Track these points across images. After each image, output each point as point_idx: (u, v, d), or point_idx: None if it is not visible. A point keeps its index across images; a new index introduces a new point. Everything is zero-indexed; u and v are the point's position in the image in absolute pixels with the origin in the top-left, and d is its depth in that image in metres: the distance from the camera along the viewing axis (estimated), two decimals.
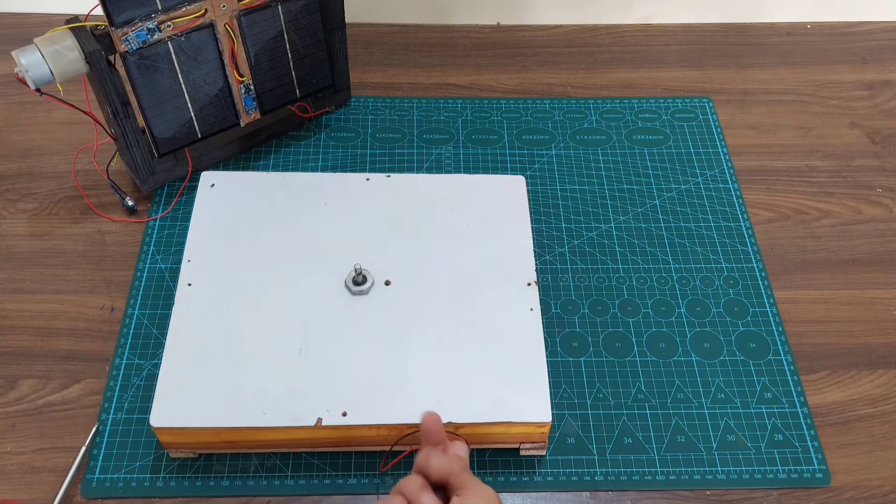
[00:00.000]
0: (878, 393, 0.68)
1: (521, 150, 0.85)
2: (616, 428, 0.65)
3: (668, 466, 0.63)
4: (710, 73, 0.95)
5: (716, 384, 0.68)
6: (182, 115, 0.74)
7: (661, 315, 0.72)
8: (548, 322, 0.71)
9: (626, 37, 0.99)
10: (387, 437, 0.61)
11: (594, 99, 0.91)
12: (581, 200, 0.80)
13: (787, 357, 0.70)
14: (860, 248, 0.79)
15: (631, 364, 0.69)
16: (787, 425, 0.66)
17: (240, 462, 0.62)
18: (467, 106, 0.89)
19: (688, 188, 0.82)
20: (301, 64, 0.79)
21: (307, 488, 0.61)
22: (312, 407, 0.59)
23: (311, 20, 0.76)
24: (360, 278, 0.66)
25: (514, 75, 0.94)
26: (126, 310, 0.70)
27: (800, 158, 0.86)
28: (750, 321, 0.72)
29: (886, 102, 0.92)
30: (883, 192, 0.83)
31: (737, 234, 0.78)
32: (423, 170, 0.82)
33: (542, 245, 0.76)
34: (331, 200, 0.72)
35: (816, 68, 0.96)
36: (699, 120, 0.89)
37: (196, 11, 0.69)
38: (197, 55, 0.71)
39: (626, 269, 0.75)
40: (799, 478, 0.63)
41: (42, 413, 0.65)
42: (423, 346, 0.63)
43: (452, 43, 0.97)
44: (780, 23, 1.01)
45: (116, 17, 0.65)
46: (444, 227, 0.71)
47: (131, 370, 0.67)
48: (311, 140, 0.84)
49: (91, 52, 0.65)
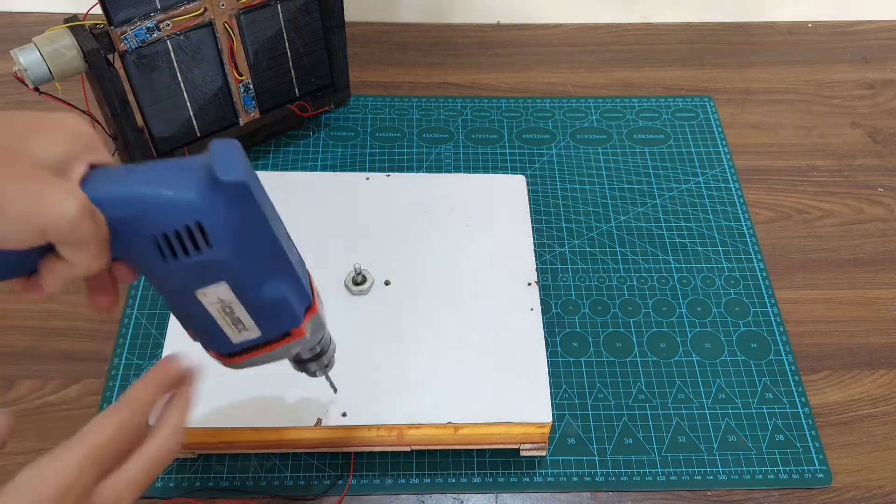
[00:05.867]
0: (879, 393, 0.68)
1: (522, 149, 0.85)
2: (617, 428, 0.65)
3: (669, 467, 0.63)
4: (710, 72, 0.95)
5: (717, 384, 0.67)
6: (181, 115, 0.74)
7: (662, 315, 0.72)
8: (548, 322, 0.70)
9: (627, 36, 0.99)
10: (386, 438, 0.61)
11: (595, 98, 0.91)
12: (581, 200, 0.80)
13: (789, 357, 0.69)
14: (861, 247, 0.78)
15: (632, 364, 0.68)
16: (788, 425, 0.65)
17: (239, 462, 0.62)
18: (467, 105, 0.89)
19: (689, 188, 0.82)
20: (300, 63, 0.79)
21: (307, 488, 0.61)
22: (312, 407, 0.59)
23: (311, 19, 0.76)
24: (359, 278, 0.66)
25: (515, 74, 0.93)
26: (125, 310, 0.70)
27: (801, 158, 0.86)
28: (751, 321, 0.72)
29: (888, 102, 0.92)
30: (884, 191, 0.83)
31: (738, 233, 0.78)
32: (422, 169, 0.82)
33: (542, 245, 0.76)
34: (330, 200, 0.72)
35: (818, 67, 0.96)
36: (700, 119, 0.89)
37: (195, 10, 0.68)
38: (196, 54, 0.71)
39: (627, 269, 0.75)
40: (800, 478, 0.63)
41: (41, 413, 0.65)
42: (422, 346, 0.63)
43: (452, 42, 0.97)
44: (782, 22, 1.01)
45: (115, 16, 0.65)
46: (444, 227, 0.70)
47: (130, 370, 0.67)
48: (311, 139, 0.84)
49: (90, 52, 0.64)
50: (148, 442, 0.40)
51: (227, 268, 0.39)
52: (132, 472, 0.39)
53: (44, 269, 0.37)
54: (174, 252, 0.38)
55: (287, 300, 0.43)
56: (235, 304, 0.41)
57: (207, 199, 0.37)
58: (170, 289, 0.41)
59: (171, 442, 0.41)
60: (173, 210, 0.37)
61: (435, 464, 0.62)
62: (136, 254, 0.38)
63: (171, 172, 0.37)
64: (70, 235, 0.35)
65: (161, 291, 0.41)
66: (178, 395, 0.43)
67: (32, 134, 0.36)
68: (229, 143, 0.38)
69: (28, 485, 0.35)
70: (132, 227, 0.37)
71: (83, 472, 0.36)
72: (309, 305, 0.45)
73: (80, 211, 0.34)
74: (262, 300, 0.42)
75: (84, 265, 0.36)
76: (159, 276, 0.39)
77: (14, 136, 0.35)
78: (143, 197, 0.36)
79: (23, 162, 0.34)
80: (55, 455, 0.36)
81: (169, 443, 0.41)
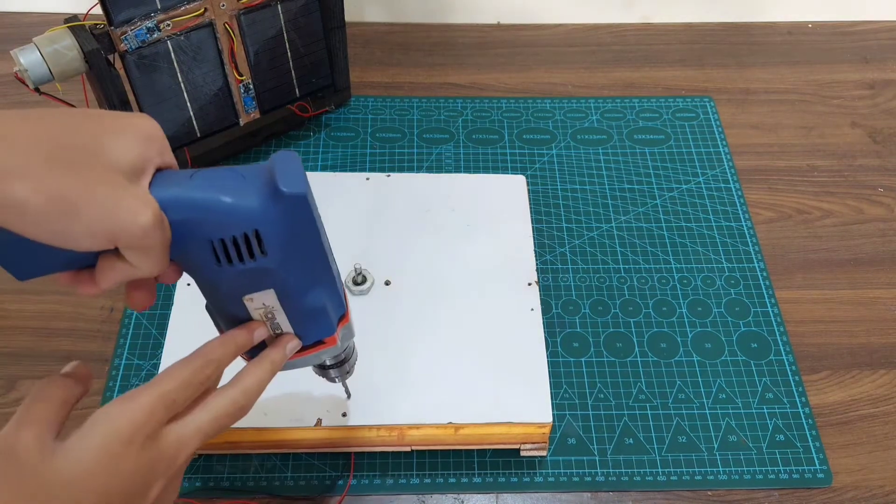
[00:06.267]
0: (879, 393, 0.68)
1: (522, 149, 0.85)
2: (617, 428, 0.65)
3: (670, 467, 0.63)
4: (711, 72, 0.95)
5: (717, 384, 0.68)
6: (181, 115, 0.74)
7: (663, 315, 0.72)
8: (548, 322, 0.70)
9: (627, 36, 0.99)
10: (386, 438, 0.61)
11: (595, 98, 0.91)
12: (582, 200, 0.80)
13: (789, 357, 0.69)
14: (862, 247, 0.78)
15: (632, 364, 0.68)
16: (788, 425, 0.65)
17: (240, 462, 0.62)
18: (467, 105, 0.89)
19: (689, 188, 0.82)
20: (301, 63, 0.79)
21: (307, 488, 0.61)
22: (312, 407, 0.59)
23: (311, 19, 0.76)
24: (359, 278, 0.66)
25: (515, 74, 0.93)
26: (125, 310, 0.70)
27: (801, 158, 0.86)
28: (751, 321, 0.72)
29: (888, 102, 0.92)
30: (884, 191, 0.83)
31: (738, 233, 0.78)
32: (423, 169, 0.82)
33: (542, 245, 0.76)
34: (330, 200, 0.72)
35: (818, 68, 0.96)
36: (700, 119, 0.89)
37: (195, 10, 0.68)
38: (196, 54, 0.71)
39: (627, 269, 0.75)
40: (800, 478, 0.63)
41: None
42: (423, 346, 0.63)
43: (453, 42, 0.97)
44: (782, 22, 1.01)
45: (115, 17, 0.65)
46: (445, 227, 0.70)
47: (130, 370, 0.67)
48: (311, 139, 0.84)
49: (90, 52, 0.64)
50: (218, 394, 0.42)
51: (277, 276, 0.41)
52: (198, 420, 0.40)
53: (103, 268, 0.37)
54: (229, 258, 0.39)
55: (326, 310, 0.44)
56: (278, 310, 0.43)
57: (268, 208, 0.38)
58: (218, 292, 0.42)
59: (242, 399, 0.42)
60: (235, 217, 0.38)
61: (435, 464, 0.62)
62: (191, 257, 0.39)
63: (233, 180, 0.38)
64: (140, 243, 0.36)
65: (207, 293, 0.42)
66: (262, 357, 0.44)
67: (108, 135, 0.36)
68: (291, 156, 0.39)
69: (101, 424, 0.37)
70: (192, 230, 0.37)
71: (153, 414, 0.38)
72: (342, 315, 0.46)
73: (154, 221, 0.35)
74: (304, 308, 0.43)
75: (146, 269, 0.37)
76: (210, 280, 0.40)
77: (91, 136, 0.35)
78: (207, 202, 0.37)
79: (100, 165, 0.35)
80: (127, 397, 0.38)
81: (239, 399, 0.42)
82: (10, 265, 0.37)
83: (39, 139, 0.34)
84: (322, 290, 0.43)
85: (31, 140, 0.33)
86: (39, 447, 0.36)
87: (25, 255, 0.36)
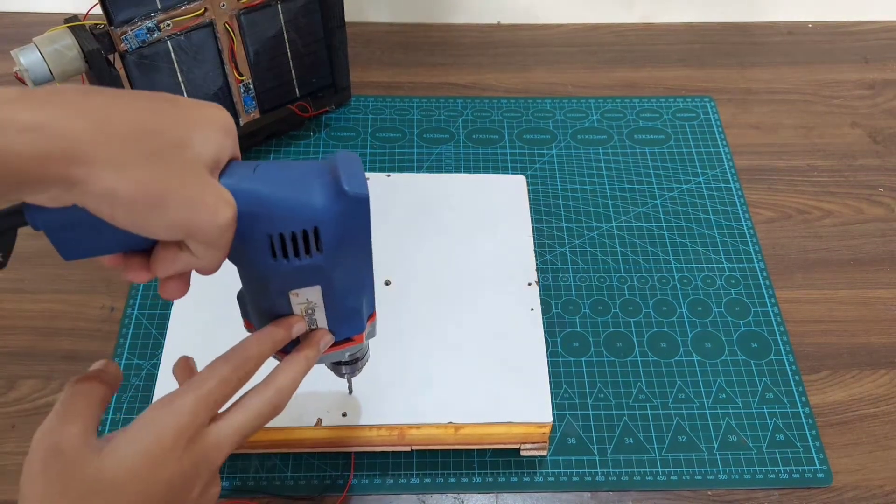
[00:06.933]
0: (879, 393, 0.68)
1: (522, 149, 0.85)
2: (617, 428, 0.65)
3: (670, 467, 0.63)
4: (711, 72, 0.95)
5: (717, 384, 0.68)
6: None
7: (663, 315, 0.72)
8: (549, 322, 0.70)
9: (628, 36, 0.99)
10: (387, 437, 0.61)
11: (595, 98, 0.91)
12: (582, 200, 0.80)
13: (789, 357, 0.69)
14: (862, 247, 0.78)
15: (632, 364, 0.68)
16: (788, 425, 0.65)
17: (240, 462, 0.62)
18: (468, 105, 0.89)
19: (689, 188, 0.82)
20: (301, 63, 0.79)
21: (307, 488, 0.61)
22: (312, 407, 0.59)
23: (311, 19, 0.76)
24: None
25: (515, 74, 0.93)
26: (125, 310, 0.70)
27: (801, 158, 0.86)
28: (751, 321, 0.72)
29: (888, 102, 0.92)
30: (885, 191, 0.83)
31: (738, 233, 0.78)
32: (423, 169, 0.82)
33: (542, 245, 0.76)
34: None
35: (818, 68, 0.96)
36: (700, 119, 0.89)
37: (195, 10, 0.68)
38: (196, 54, 0.71)
39: (628, 269, 0.75)
40: (800, 478, 0.63)
41: (42, 413, 0.65)
42: (422, 346, 0.63)
43: (453, 42, 0.97)
44: (782, 22, 1.01)
45: (116, 17, 0.65)
46: (445, 227, 0.71)
47: (131, 370, 0.67)
48: (311, 139, 0.84)
49: (90, 52, 0.64)
50: (254, 394, 0.42)
51: (326, 273, 0.41)
52: (236, 421, 0.41)
53: (164, 257, 0.37)
54: (286, 253, 0.39)
55: (361, 308, 0.45)
56: (318, 306, 0.43)
57: (330, 207, 0.38)
58: (266, 285, 0.42)
59: (277, 398, 0.43)
60: (298, 213, 0.38)
61: (435, 463, 0.62)
62: (247, 249, 0.39)
63: (298, 176, 0.38)
64: (215, 239, 0.36)
65: (252, 285, 0.42)
66: (295, 356, 0.44)
67: (192, 126, 0.35)
68: (353, 157, 0.39)
69: (148, 427, 0.38)
70: (254, 224, 0.38)
71: (197, 416, 0.39)
72: (371, 314, 0.47)
73: (234, 219, 0.36)
74: (344, 306, 0.44)
75: (210, 262, 0.37)
76: (261, 273, 0.40)
77: (175, 125, 0.35)
78: (272, 196, 0.37)
79: (187, 157, 0.35)
80: (169, 401, 0.39)
81: (274, 398, 0.43)
82: (63, 244, 0.36)
83: (132, 124, 0.33)
84: (362, 290, 0.44)
85: (124, 125, 0.33)
86: (85, 444, 0.36)
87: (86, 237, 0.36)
